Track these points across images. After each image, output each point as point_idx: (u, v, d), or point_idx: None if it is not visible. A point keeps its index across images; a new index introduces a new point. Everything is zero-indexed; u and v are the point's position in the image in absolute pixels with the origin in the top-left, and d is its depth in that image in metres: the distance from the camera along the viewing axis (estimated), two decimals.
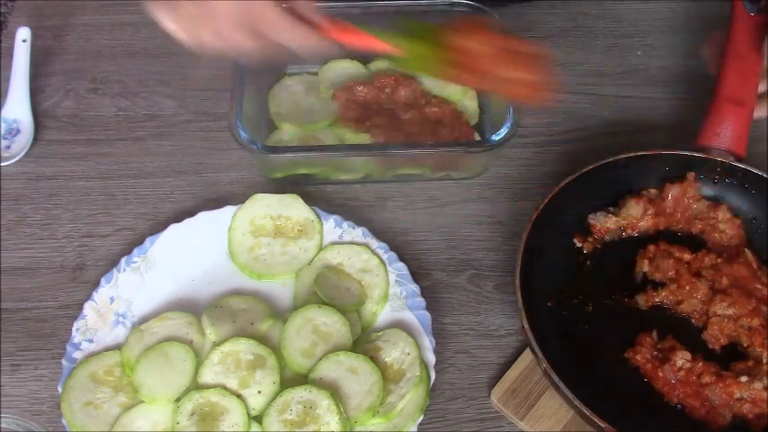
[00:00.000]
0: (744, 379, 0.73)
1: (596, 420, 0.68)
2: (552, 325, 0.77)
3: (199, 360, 0.77)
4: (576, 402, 0.69)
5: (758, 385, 0.72)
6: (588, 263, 0.83)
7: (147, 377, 0.75)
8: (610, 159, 0.84)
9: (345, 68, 0.97)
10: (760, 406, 0.72)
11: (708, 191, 0.86)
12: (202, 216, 0.86)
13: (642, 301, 0.80)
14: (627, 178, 0.84)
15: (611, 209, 0.85)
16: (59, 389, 0.75)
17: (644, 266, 0.81)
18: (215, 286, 0.83)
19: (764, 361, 0.74)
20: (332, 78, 0.96)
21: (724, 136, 0.85)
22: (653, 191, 0.84)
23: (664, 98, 0.99)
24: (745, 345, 0.76)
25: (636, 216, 0.83)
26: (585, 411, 0.69)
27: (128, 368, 0.77)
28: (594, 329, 0.78)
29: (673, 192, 0.83)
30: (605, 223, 0.82)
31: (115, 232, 0.89)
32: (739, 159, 0.84)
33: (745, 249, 0.82)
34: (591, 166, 0.84)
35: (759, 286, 0.79)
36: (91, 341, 0.78)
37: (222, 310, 0.80)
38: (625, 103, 0.84)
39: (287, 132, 0.93)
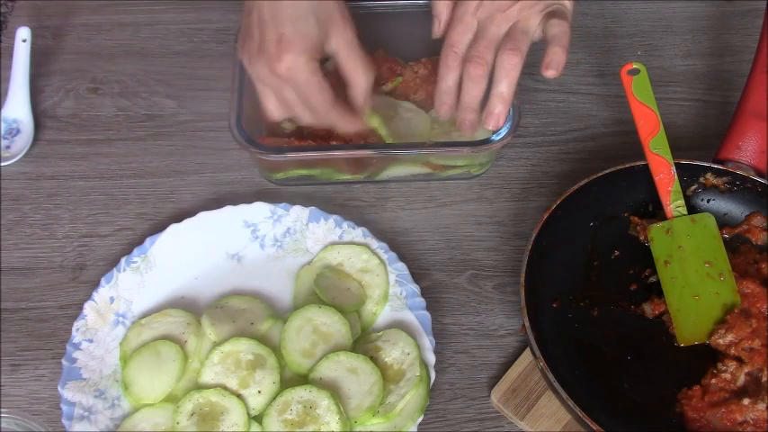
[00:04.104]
0: (746, 401, 0.72)
1: (588, 423, 0.68)
2: (555, 326, 0.77)
3: (189, 362, 0.77)
4: (570, 403, 0.69)
5: (761, 406, 0.72)
6: (597, 267, 0.82)
7: (137, 375, 0.76)
8: (627, 165, 0.84)
9: None
10: (762, 427, 0.71)
11: (722, 203, 0.86)
12: (202, 216, 0.86)
13: (649, 309, 0.80)
14: (642, 185, 0.84)
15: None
16: (59, 389, 0.75)
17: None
18: (215, 286, 0.83)
19: (764, 380, 0.73)
20: None
21: (746, 150, 0.84)
22: None
23: (664, 98, 0.99)
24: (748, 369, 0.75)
25: None
26: (578, 413, 0.69)
27: (123, 363, 0.77)
28: (598, 334, 0.78)
29: None
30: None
31: (115, 232, 0.89)
32: (761, 174, 0.84)
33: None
34: (606, 171, 0.83)
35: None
36: (91, 341, 0.78)
37: (222, 311, 0.80)
38: (625, 103, 0.84)
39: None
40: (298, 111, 0.81)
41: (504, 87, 0.79)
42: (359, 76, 0.83)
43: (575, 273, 0.82)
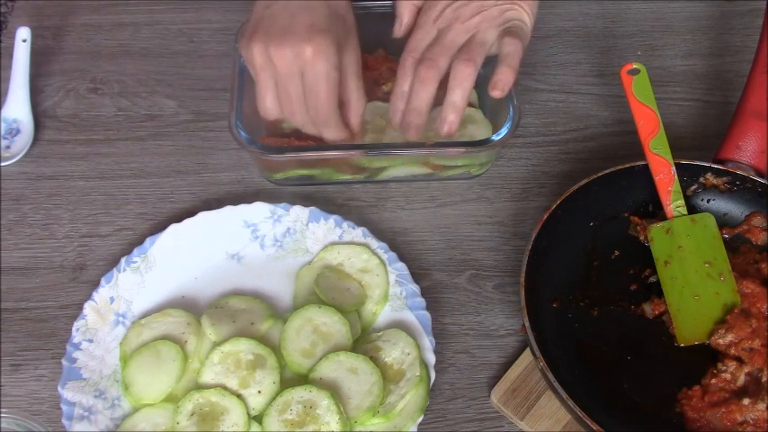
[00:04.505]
0: (746, 401, 0.72)
1: (588, 422, 0.68)
2: (555, 326, 0.77)
3: (189, 362, 0.77)
4: (570, 403, 0.69)
5: (761, 406, 0.72)
6: (597, 267, 0.82)
7: (138, 375, 0.76)
8: (627, 165, 0.84)
9: None
10: (762, 427, 0.71)
11: (722, 203, 0.86)
12: (202, 216, 0.86)
13: (649, 309, 0.80)
14: (642, 185, 0.84)
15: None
16: (59, 389, 0.75)
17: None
18: (215, 286, 0.83)
19: (764, 380, 0.73)
20: None
21: (746, 150, 0.84)
22: None
23: (664, 98, 0.99)
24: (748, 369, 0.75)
25: None
26: (578, 413, 0.69)
27: (123, 363, 0.77)
28: (598, 334, 0.78)
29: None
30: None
31: (115, 232, 0.89)
32: (761, 174, 0.84)
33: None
34: (606, 171, 0.83)
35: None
36: (91, 341, 0.78)
37: (222, 311, 0.80)
38: (625, 103, 0.84)
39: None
40: (295, 107, 0.80)
41: (458, 97, 0.79)
42: (357, 99, 0.83)
43: (575, 273, 0.82)
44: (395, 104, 0.82)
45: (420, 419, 0.74)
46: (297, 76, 0.78)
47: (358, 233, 0.85)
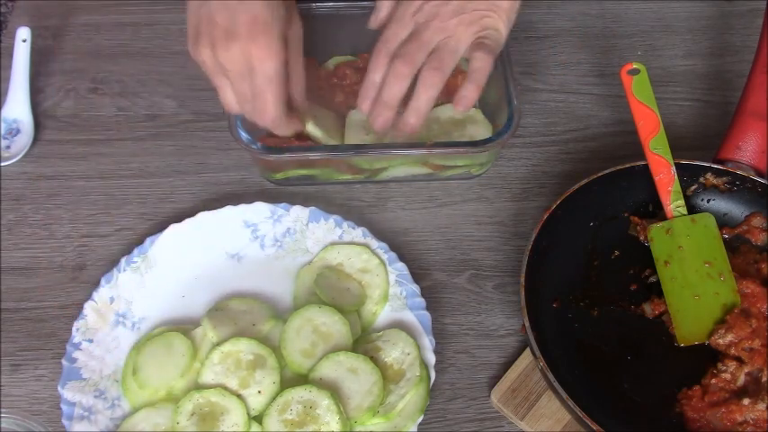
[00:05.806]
0: (746, 401, 0.72)
1: (588, 422, 0.68)
2: (555, 326, 0.77)
3: (197, 359, 0.77)
4: (570, 403, 0.69)
5: (761, 406, 0.72)
6: (597, 267, 0.82)
7: (147, 361, 0.76)
8: (627, 165, 0.84)
9: None
10: (762, 427, 0.71)
11: (722, 203, 0.86)
12: (202, 216, 0.86)
13: (649, 309, 0.80)
14: (642, 185, 0.84)
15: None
16: (59, 389, 0.75)
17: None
18: (215, 286, 0.83)
19: (764, 380, 0.73)
20: None
21: (746, 150, 0.84)
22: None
23: (664, 98, 0.99)
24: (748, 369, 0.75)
25: None
26: (578, 413, 0.69)
27: (136, 351, 0.78)
28: (598, 334, 0.78)
29: None
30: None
31: (115, 232, 0.89)
32: (761, 174, 0.84)
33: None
34: (606, 171, 0.83)
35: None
36: (91, 341, 0.78)
37: (223, 313, 0.80)
38: (625, 103, 0.84)
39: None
40: (249, 106, 0.79)
41: (423, 103, 0.78)
42: (301, 74, 0.82)
43: (575, 273, 0.82)
44: (365, 93, 0.80)
45: (420, 419, 0.74)
46: (247, 77, 0.76)
47: (358, 233, 0.85)
